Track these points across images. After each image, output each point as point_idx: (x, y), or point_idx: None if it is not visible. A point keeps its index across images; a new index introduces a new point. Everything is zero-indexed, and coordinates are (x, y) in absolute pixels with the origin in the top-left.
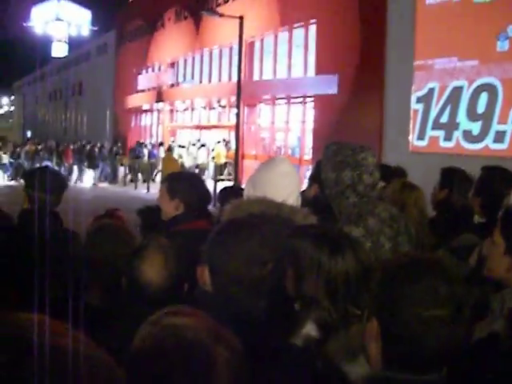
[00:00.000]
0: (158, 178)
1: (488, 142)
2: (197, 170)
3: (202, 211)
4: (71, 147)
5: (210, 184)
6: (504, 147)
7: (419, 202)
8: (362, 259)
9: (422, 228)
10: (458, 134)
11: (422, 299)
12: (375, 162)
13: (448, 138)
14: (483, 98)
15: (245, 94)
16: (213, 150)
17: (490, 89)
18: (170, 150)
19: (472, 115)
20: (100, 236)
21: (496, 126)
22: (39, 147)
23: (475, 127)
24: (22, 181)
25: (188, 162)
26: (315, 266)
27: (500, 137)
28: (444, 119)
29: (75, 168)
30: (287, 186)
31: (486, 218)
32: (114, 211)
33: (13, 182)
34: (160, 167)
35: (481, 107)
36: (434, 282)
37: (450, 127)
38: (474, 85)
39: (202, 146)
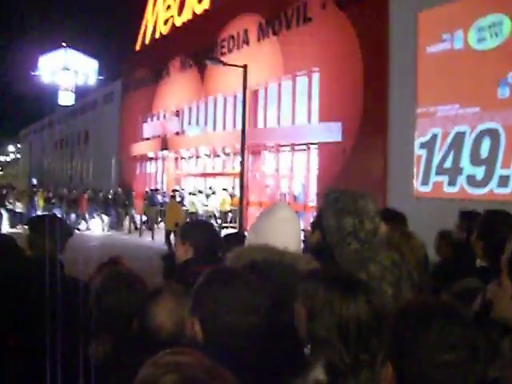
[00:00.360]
0: (161, 225)
1: (492, 186)
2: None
3: (213, 256)
4: (85, 195)
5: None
6: (508, 191)
7: (415, 250)
8: (374, 304)
9: (419, 276)
10: (461, 179)
11: (437, 344)
12: (376, 209)
13: (452, 183)
14: (486, 143)
15: (249, 142)
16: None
17: (492, 134)
18: (173, 197)
19: (475, 160)
20: (114, 283)
21: (499, 171)
22: (50, 195)
23: (479, 172)
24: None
25: (200, 209)
26: (327, 308)
27: (504, 181)
28: (448, 164)
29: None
30: (288, 232)
31: (488, 261)
32: (118, 259)
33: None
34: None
35: (484, 152)
36: (447, 325)
37: (453, 172)
38: (477, 130)
39: (213, 193)
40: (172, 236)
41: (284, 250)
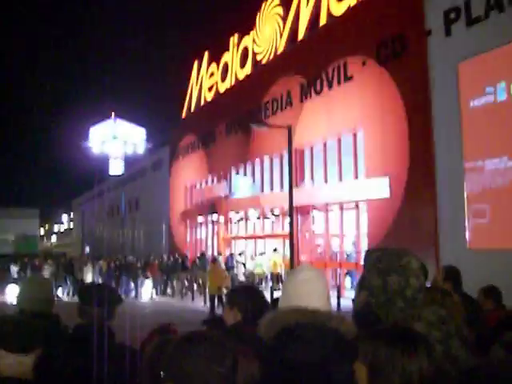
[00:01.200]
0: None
1: None
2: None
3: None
4: (156, 262)
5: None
6: None
7: (458, 307)
8: (434, 358)
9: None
10: None
11: None
12: (419, 265)
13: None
14: None
15: (297, 202)
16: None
17: None
18: (215, 261)
19: None
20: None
21: None
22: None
23: None
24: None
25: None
26: (390, 364)
27: None
28: None
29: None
30: (310, 292)
31: None
32: (169, 326)
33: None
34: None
35: None
36: None
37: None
38: None
39: (263, 253)
40: (216, 300)
41: (316, 311)
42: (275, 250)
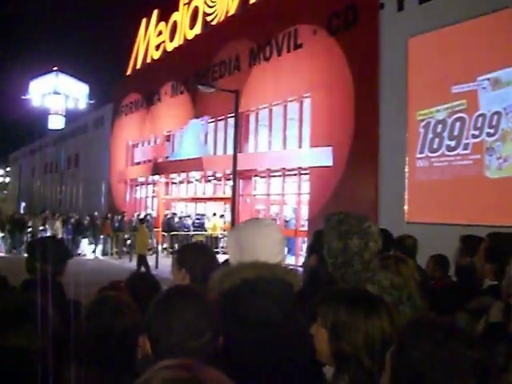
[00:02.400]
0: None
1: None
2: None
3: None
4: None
5: None
6: None
7: (414, 274)
8: (394, 317)
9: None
10: None
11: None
12: (378, 231)
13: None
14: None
15: (240, 167)
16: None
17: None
18: (142, 221)
19: None
20: (98, 308)
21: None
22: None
23: None
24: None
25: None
26: (353, 326)
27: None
28: None
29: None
30: (270, 245)
31: (498, 280)
32: (118, 283)
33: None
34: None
35: None
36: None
37: None
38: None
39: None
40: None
41: (275, 265)
42: (214, 214)
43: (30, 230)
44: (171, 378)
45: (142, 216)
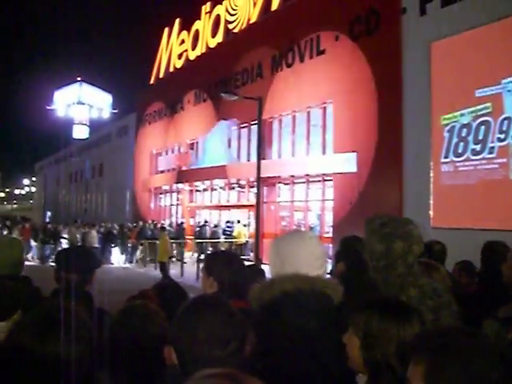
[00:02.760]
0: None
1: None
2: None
3: (238, 290)
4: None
5: None
6: None
7: (446, 280)
8: (426, 324)
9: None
10: None
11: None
12: (420, 234)
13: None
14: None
15: (263, 174)
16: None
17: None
18: (163, 229)
19: None
20: (128, 317)
21: None
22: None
23: None
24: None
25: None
26: (385, 335)
27: None
28: None
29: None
30: (311, 258)
31: None
32: (147, 291)
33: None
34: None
35: None
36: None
37: None
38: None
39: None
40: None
41: (314, 278)
42: (239, 221)
43: (65, 239)
44: None
45: (165, 224)
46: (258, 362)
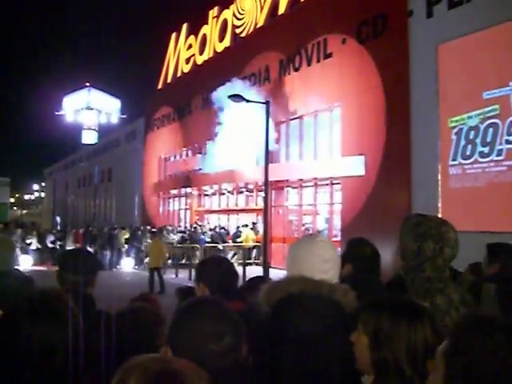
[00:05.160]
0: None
1: None
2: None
3: (230, 294)
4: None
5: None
6: None
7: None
8: (438, 328)
9: None
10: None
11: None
12: (456, 237)
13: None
14: None
15: (271, 177)
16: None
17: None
18: (155, 234)
19: None
20: (126, 319)
21: None
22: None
23: None
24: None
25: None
26: (395, 335)
27: None
28: None
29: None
30: (324, 262)
31: None
32: (148, 295)
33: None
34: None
35: None
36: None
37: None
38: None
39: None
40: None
41: (321, 282)
42: (246, 225)
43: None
44: (149, 368)
45: (182, 229)
46: (256, 358)
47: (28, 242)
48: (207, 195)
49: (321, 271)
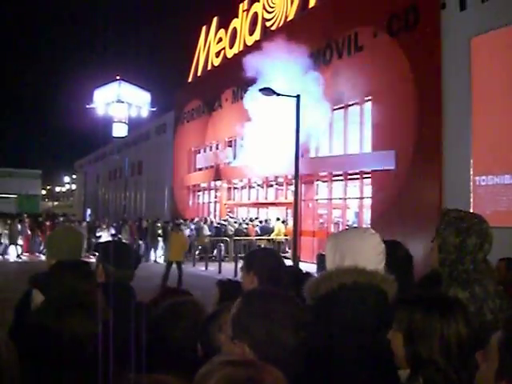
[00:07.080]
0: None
1: None
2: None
3: (277, 285)
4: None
5: None
6: None
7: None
8: (472, 321)
9: None
10: None
11: None
12: (492, 234)
13: None
14: None
15: (301, 171)
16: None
17: None
18: (178, 227)
19: None
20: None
21: None
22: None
23: None
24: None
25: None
26: (428, 330)
27: None
28: None
29: None
30: (372, 253)
31: None
32: (177, 288)
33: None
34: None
35: None
36: None
37: None
38: None
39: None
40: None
41: (373, 272)
42: (278, 219)
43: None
44: (232, 375)
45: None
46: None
47: (98, 234)
48: (236, 188)
49: (376, 262)
